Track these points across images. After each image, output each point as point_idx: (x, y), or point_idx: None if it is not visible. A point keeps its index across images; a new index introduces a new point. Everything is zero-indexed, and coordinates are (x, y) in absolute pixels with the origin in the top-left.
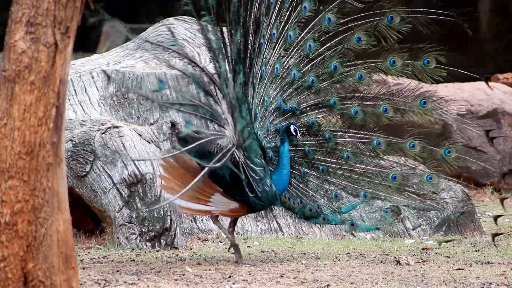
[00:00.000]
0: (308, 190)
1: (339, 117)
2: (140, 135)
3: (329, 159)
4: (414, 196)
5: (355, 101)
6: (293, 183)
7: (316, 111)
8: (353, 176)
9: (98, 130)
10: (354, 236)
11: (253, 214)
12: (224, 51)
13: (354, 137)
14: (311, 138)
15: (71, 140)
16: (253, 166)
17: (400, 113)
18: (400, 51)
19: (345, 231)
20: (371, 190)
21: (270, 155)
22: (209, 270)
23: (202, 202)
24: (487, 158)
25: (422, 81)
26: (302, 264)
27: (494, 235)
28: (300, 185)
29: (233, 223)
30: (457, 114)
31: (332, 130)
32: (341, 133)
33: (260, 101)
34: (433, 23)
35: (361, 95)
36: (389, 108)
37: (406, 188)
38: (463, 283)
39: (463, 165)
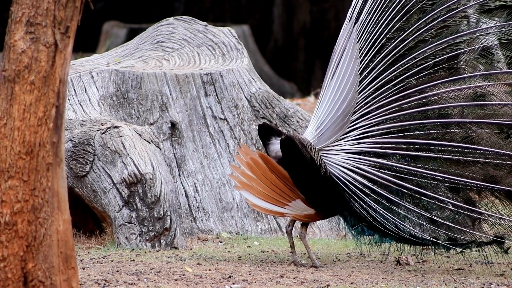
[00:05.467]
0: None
1: None
2: (140, 135)
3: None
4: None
5: None
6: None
7: None
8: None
9: (98, 130)
10: (355, 236)
11: (253, 214)
12: None
13: None
14: None
15: (71, 140)
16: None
17: None
18: None
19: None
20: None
21: None
22: (209, 270)
23: (280, 205)
24: None
25: None
26: (302, 264)
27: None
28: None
29: (305, 226)
30: None
31: None
32: None
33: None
34: None
35: None
36: None
37: None
38: (463, 283)
39: None
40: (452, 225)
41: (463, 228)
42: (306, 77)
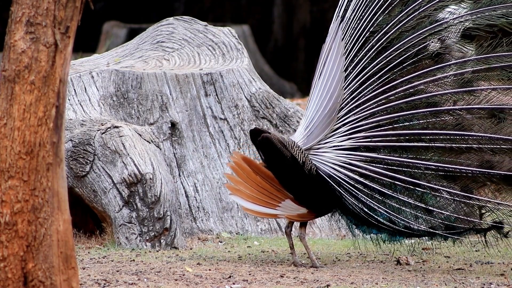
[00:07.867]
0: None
1: None
2: (140, 135)
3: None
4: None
5: None
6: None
7: None
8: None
9: (98, 130)
10: (354, 236)
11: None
12: None
13: None
14: None
15: (71, 140)
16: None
17: None
18: None
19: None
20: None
21: None
22: (209, 270)
23: (270, 206)
24: None
25: None
26: (302, 264)
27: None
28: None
29: (305, 226)
30: None
31: None
32: None
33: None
34: None
35: None
36: None
37: None
38: (463, 283)
39: None
40: (449, 213)
41: (460, 216)
42: (306, 77)
